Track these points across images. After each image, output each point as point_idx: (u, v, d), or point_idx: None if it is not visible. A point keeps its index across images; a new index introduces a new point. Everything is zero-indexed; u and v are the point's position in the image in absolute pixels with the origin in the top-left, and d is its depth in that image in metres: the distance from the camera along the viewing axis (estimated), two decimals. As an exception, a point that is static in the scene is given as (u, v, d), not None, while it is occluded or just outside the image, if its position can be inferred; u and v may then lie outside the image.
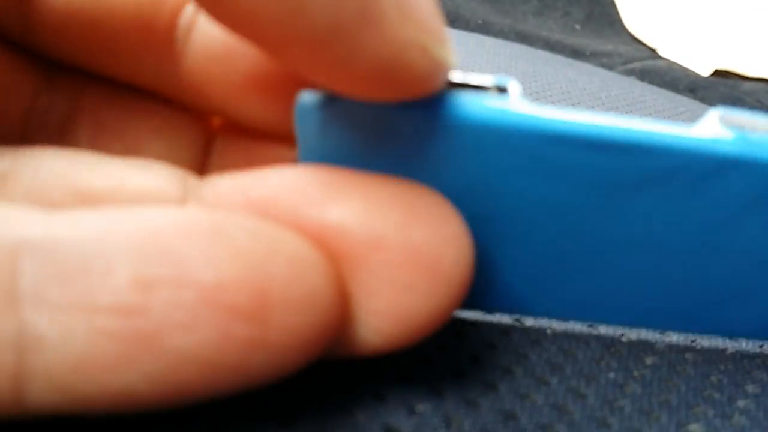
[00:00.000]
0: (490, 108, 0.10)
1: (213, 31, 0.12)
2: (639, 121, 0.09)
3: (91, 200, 0.10)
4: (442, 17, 0.10)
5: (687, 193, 0.10)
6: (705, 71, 0.43)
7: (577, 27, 0.45)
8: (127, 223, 0.09)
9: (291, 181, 0.10)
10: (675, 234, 0.10)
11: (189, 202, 0.11)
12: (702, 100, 0.37)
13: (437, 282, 0.10)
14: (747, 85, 0.41)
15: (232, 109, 0.13)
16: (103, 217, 0.09)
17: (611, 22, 0.47)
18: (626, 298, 0.12)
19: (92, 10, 0.12)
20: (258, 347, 0.09)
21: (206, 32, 0.12)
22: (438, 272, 0.10)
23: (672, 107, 0.32)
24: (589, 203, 0.10)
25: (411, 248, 0.10)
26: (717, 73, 0.43)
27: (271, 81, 0.12)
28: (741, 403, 0.12)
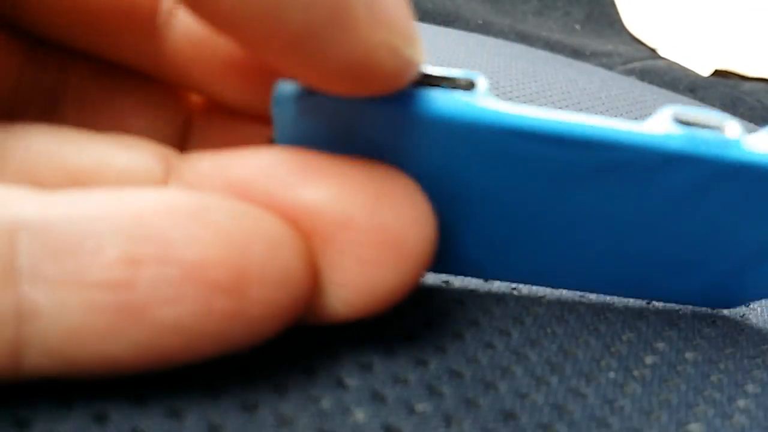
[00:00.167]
0: (457, 103, 0.10)
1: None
2: (594, 118, 0.10)
3: (81, 180, 0.11)
4: (412, 15, 0.10)
5: (636, 181, 0.11)
6: (705, 71, 0.43)
7: (577, 27, 0.45)
8: (116, 205, 0.09)
9: (268, 163, 0.11)
10: (624, 214, 0.12)
11: (171, 181, 0.11)
12: (702, 100, 0.37)
13: (401, 259, 0.10)
14: (747, 85, 0.41)
15: (212, 90, 0.13)
16: (94, 199, 0.10)
17: (611, 22, 0.47)
18: (581, 267, 0.13)
19: None
20: (236, 319, 0.10)
21: (187, 16, 0.13)
22: (402, 250, 0.10)
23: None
24: (547, 187, 0.11)
25: (378, 228, 0.10)
26: (717, 73, 0.43)
27: (250, 65, 0.13)
28: (741, 403, 0.12)
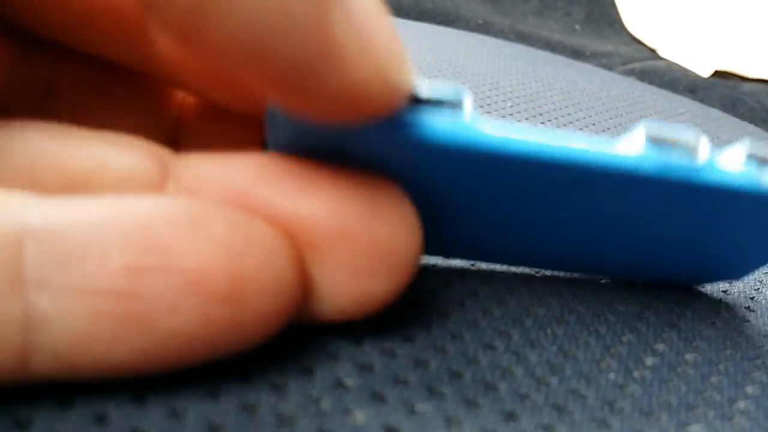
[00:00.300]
0: (444, 125, 0.11)
1: None
2: (573, 137, 0.11)
3: (81, 182, 0.11)
4: (399, 38, 0.10)
5: (608, 193, 0.12)
6: (705, 72, 0.43)
7: (577, 27, 0.45)
8: (118, 213, 0.10)
9: (267, 172, 0.11)
10: (605, 213, 0.13)
11: (169, 184, 0.12)
12: (702, 101, 0.37)
13: (393, 268, 0.11)
14: (747, 86, 0.41)
15: (202, 89, 0.14)
16: (96, 207, 0.10)
17: (611, 23, 0.47)
18: (568, 252, 0.14)
19: None
20: (233, 326, 0.10)
21: None
22: (394, 260, 0.11)
23: (672, 108, 0.32)
24: (526, 194, 0.12)
25: (372, 239, 0.11)
26: (717, 74, 0.43)
27: None
28: (741, 405, 0.12)
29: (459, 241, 0.14)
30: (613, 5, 0.48)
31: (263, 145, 0.13)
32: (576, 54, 0.39)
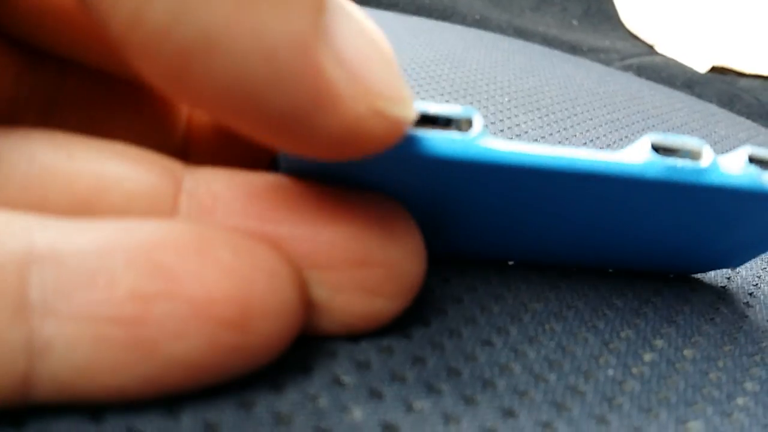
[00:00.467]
0: (456, 147, 0.11)
1: None
2: (578, 150, 0.11)
3: (89, 201, 0.11)
4: (396, 67, 0.10)
5: (615, 198, 0.12)
6: (702, 68, 0.43)
7: (575, 22, 0.45)
8: (125, 239, 0.10)
9: (286, 195, 0.11)
10: (603, 215, 0.13)
11: (182, 199, 0.11)
12: (699, 97, 0.37)
13: (402, 289, 0.12)
14: (744, 82, 0.41)
15: (206, 113, 0.13)
16: (104, 232, 0.10)
17: (608, 18, 0.47)
18: (565, 249, 0.15)
19: (65, 3, 0.12)
20: (239, 351, 0.10)
21: None
22: (403, 281, 0.11)
23: (669, 103, 0.32)
24: (533, 202, 0.13)
25: (387, 262, 0.11)
26: (714, 70, 0.43)
27: None
28: (740, 401, 0.12)
29: (462, 242, 0.14)
30: (610, 1, 0.48)
31: (272, 163, 0.13)
32: (573, 49, 0.39)
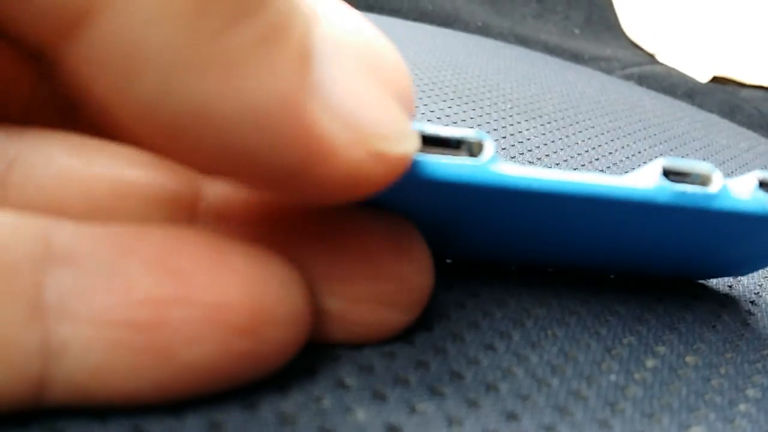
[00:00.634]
0: (466, 172, 0.11)
1: None
2: (584, 175, 0.11)
3: (107, 205, 0.11)
4: (393, 102, 0.10)
5: (624, 219, 0.12)
6: (703, 78, 0.43)
7: (576, 31, 0.45)
8: (143, 244, 0.10)
9: (305, 210, 0.11)
10: (611, 232, 0.13)
11: (201, 205, 0.11)
12: (700, 107, 0.37)
13: (412, 302, 0.12)
14: (745, 92, 0.41)
15: None
16: (121, 236, 0.10)
17: (610, 27, 0.47)
18: (571, 258, 0.15)
19: None
20: (251, 358, 0.10)
21: None
22: (414, 295, 0.12)
23: (670, 112, 0.32)
24: (542, 221, 0.13)
25: (400, 278, 0.11)
26: (715, 80, 0.43)
27: None
28: (742, 407, 0.12)
29: (466, 250, 0.14)
30: (612, 10, 0.49)
31: None
32: (575, 57, 0.39)
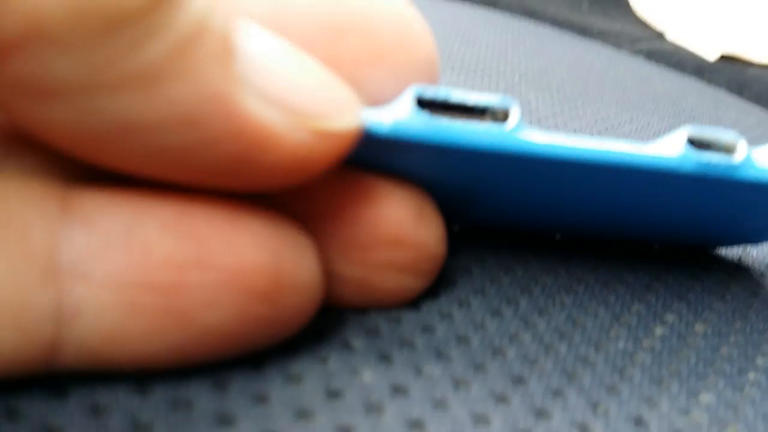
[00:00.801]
0: (492, 139, 0.10)
1: None
2: (610, 143, 0.11)
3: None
4: (323, 69, 0.10)
5: (647, 187, 0.12)
6: (711, 56, 0.42)
7: (585, 6, 0.44)
8: (160, 206, 0.09)
9: (327, 177, 0.11)
10: (631, 200, 0.13)
11: None
12: (708, 83, 0.37)
13: (428, 269, 0.12)
14: (753, 71, 0.41)
15: None
16: (139, 197, 0.09)
17: (618, 3, 0.46)
18: (586, 225, 0.15)
19: None
20: (268, 323, 0.10)
21: None
22: (431, 262, 0.12)
23: (679, 87, 0.31)
24: (561, 184, 0.12)
25: (419, 244, 0.11)
26: (723, 58, 0.42)
27: None
28: (752, 376, 0.12)
29: (482, 216, 0.14)
30: (621, -14, 0.48)
31: None
32: (583, 32, 0.39)
